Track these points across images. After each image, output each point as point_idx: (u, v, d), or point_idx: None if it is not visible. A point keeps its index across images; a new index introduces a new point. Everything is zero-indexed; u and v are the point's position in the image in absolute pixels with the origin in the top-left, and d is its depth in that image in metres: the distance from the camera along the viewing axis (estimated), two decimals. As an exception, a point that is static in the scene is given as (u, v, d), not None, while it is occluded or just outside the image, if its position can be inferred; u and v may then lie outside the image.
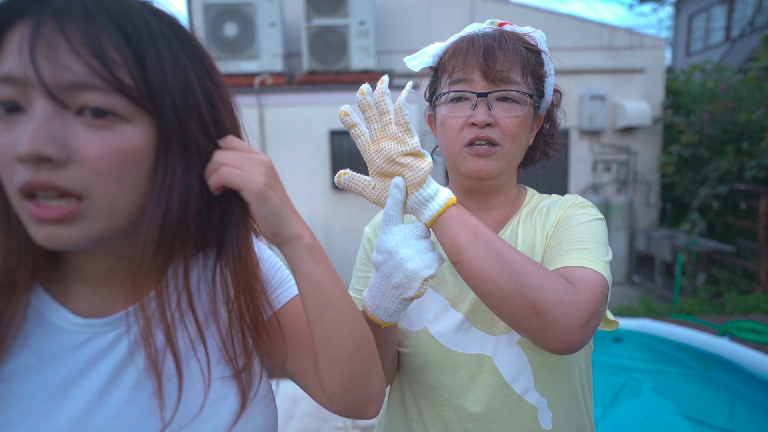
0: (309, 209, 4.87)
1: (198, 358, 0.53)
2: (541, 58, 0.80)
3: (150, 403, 0.51)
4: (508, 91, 0.75)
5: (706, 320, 3.67)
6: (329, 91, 4.76)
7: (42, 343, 0.50)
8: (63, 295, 0.52)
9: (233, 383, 0.55)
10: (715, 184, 5.46)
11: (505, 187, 0.85)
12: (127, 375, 0.51)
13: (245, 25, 4.75)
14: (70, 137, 0.42)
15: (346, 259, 4.89)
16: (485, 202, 0.84)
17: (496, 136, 0.75)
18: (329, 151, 4.78)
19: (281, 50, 4.85)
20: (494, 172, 0.77)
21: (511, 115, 0.75)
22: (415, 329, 0.81)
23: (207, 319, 0.56)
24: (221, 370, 0.55)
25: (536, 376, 0.76)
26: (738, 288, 4.95)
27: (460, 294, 0.80)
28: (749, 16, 8.69)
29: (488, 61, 0.74)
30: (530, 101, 0.77)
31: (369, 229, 0.91)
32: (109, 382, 0.50)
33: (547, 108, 0.86)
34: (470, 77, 0.76)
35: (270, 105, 4.72)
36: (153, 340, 0.50)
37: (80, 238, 0.45)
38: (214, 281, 0.55)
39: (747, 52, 7.58)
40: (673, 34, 11.75)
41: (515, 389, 0.76)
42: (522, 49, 0.76)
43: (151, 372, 0.50)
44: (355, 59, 4.81)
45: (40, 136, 0.41)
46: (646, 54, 6.02)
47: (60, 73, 0.42)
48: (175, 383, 0.51)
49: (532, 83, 0.78)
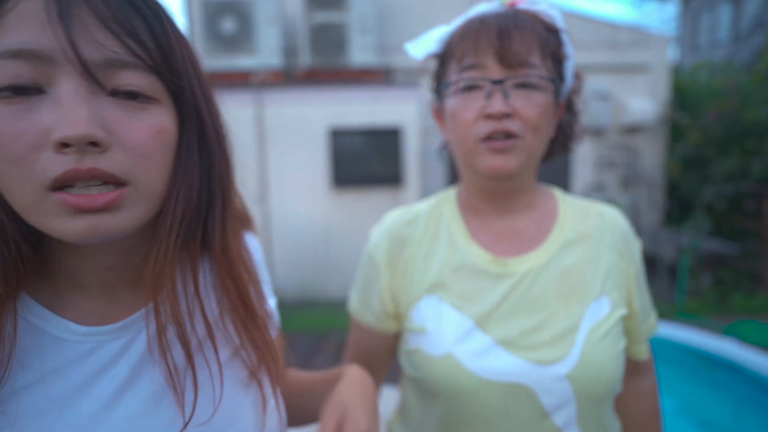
0: (309, 209, 4.83)
1: (208, 360, 0.50)
2: (560, 38, 0.71)
3: (169, 407, 0.47)
4: (527, 77, 0.66)
5: (711, 321, 3.62)
6: (329, 87, 4.71)
7: (43, 357, 0.45)
8: (55, 303, 0.47)
9: (250, 383, 0.53)
10: (720, 184, 5.40)
11: (527, 187, 0.75)
12: (142, 381, 0.47)
13: (243, 21, 4.71)
14: (110, 119, 0.39)
15: (346, 259, 4.85)
16: (506, 205, 0.75)
17: (516, 128, 0.66)
18: (329, 149, 4.74)
19: (280, 46, 4.81)
20: (515, 169, 0.68)
21: (532, 104, 0.66)
22: (437, 354, 0.70)
23: (215, 319, 0.53)
24: (236, 370, 0.52)
25: (580, 411, 0.67)
26: (743, 289, 4.89)
27: (485, 312, 0.70)
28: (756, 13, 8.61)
29: (503, 42, 0.65)
30: (552, 87, 0.68)
31: (376, 249, 0.80)
32: (121, 389, 0.46)
33: (567, 94, 0.76)
34: (483, 62, 0.66)
35: (269, 102, 4.67)
36: (168, 342, 0.46)
37: (125, 225, 0.41)
38: (219, 278, 0.52)
39: (754, 49, 7.50)
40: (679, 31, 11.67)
41: (555, 421, 0.67)
42: (540, 29, 0.68)
43: (171, 375, 0.46)
44: (356, 55, 4.76)
45: (86, 117, 0.37)
46: (650, 51, 5.96)
47: (96, 49, 0.38)
48: (191, 381, 0.48)
49: (552, 66, 0.69)
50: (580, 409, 0.67)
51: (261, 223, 4.76)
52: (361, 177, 4.75)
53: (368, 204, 4.79)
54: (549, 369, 0.67)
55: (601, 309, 0.70)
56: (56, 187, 0.38)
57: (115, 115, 0.40)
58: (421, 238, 0.78)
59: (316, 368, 3.38)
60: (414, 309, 0.74)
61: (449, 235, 0.77)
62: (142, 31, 0.41)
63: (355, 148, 4.75)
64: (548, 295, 0.70)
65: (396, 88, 4.83)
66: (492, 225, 0.76)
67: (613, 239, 0.74)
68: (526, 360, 0.67)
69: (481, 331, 0.69)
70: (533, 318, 0.69)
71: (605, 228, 0.75)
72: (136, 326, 0.48)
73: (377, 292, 0.79)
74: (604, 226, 0.75)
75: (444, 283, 0.73)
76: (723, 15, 10.03)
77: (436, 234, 0.78)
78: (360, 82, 4.79)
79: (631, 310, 0.74)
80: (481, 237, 0.76)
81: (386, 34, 5.36)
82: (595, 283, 0.71)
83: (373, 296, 0.79)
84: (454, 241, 0.76)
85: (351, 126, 4.70)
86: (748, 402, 2.89)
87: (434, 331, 0.71)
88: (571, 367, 0.66)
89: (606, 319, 0.69)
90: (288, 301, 4.82)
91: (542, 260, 0.72)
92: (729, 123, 5.47)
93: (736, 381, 3.00)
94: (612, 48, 5.95)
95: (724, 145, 5.55)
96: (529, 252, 0.74)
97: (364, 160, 4.76)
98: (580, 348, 0.67)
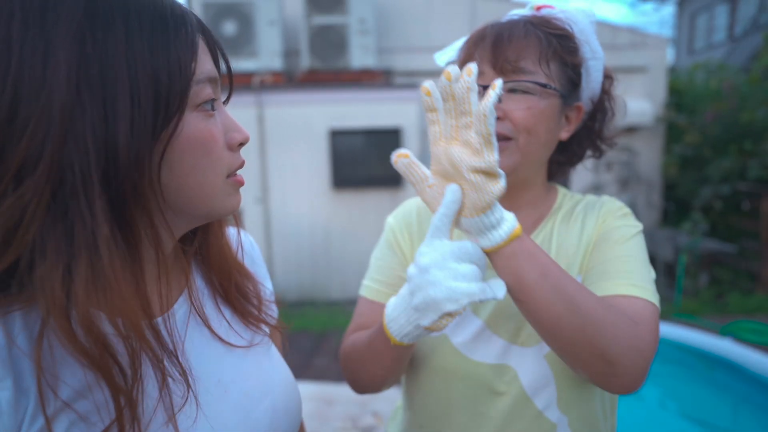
0: (309, 209, 4.84)
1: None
2: (572, 43, 0.73)
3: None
4: (518, 82, 0.70)
5: (708, 321, 3.64)
6: (329, 88, 4.73)
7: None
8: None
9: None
10: (717, 184, 5.43)
11: (529, 184, 0.79)
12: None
13: (244, 23, 4.73)
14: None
15: (346, 258, 4.87)
16: (509, 200, 0.78)
17: (506, 130, 0.71)
18: (329, 150, 4.76)
19: (281, 48, 4.83)
20: (511, 165, 0.72)
21: (522, 108, 0.70)
22: (433, 334, 0.74)
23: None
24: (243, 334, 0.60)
25: (560, 393, 0.71)
26: (741, 288, 4.92)
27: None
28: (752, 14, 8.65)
29: (495, 51, 0.71)
30: (552, 92, 0.71)
31: (393, 220, 0.86)
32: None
33: (591, 97, 0.79)
34: (482, 69, 0.72)
35: (269, 103, 4.69)
36: (203, 310, 0.56)
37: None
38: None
39: (750, 50, 7.54)
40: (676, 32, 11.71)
41: (536, 404, 0.71)
42: (540, 35, 0.71)
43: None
44: (356, 57, 4.78)
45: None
46: (648, 53, 5.99)
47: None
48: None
49: (556, 71, 0.72)
50: (560, 392, 0.71)
51: (261, 224, 4.77)
52: (361, 178, 4.77)
53: (368, 205, 4.81)
54: (529, 350, 0.72)
55: None
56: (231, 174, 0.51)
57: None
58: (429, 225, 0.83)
59: (316, 368, 3.40)
60: None
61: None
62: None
63: (355, 150, 4.77)
64: None
65: (396, 89, 4.85)
66: None
67: (597, 218, 0.76)
68: (511, 342, 0.73)
69: (474, 315, 0.75)
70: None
71: (593, 211, 0.78)
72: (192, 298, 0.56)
73: (396, 264, 0.83)
74: (591, 210, 0.78)
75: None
76: (719, 17, 10.08)
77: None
78: (360, 83, 4.81)
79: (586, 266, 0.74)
80: None
81: (386, 36, 5.38)
82: (575, 262, 0.74)
83: (392, 268, 0.83)
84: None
85: (351, 127, 4.72)
86: (747, 402, 2.90)
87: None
88: (549, 349, 0.70)
89: None
90: (288, 302, 4.83)
91: (537, 242, 0.76)
92: (726, 124, 5.50)
93: (734, 380, 3.02)
94: (610, 49, 5.95)
95: (721, 145, 5.57)
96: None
97: (364, 161, 4.78)
98: None
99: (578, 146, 0.82)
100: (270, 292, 0.68)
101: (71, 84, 0.38)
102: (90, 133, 0.39)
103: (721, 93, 5.70)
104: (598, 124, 0.82)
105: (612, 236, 0.73)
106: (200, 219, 0.51)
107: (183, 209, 0.48)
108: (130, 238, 0.43)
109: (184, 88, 0.44)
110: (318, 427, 2.50)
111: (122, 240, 0.42)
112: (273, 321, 0.64)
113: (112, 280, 0.40)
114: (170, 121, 0.43)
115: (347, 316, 4.29)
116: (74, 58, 0.39)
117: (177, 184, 0.46)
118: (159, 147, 0.43)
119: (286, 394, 0.59)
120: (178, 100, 0.43)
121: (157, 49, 0.42)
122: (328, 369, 3.38)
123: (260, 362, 0.58)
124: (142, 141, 0.41)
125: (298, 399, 0.62)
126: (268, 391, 0.57)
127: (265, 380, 0.57)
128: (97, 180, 0.39)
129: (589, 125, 0.81)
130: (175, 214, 0.48)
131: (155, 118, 0.42)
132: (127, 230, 0.42)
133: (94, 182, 0.39)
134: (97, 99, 0.39)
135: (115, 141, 0.40)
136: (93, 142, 0.39)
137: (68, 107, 0.38)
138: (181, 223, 0.50)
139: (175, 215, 0.48)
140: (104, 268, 0.40)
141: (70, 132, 0.39)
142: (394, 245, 0.84)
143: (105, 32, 0.40)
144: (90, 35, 0.40)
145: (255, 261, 0.68)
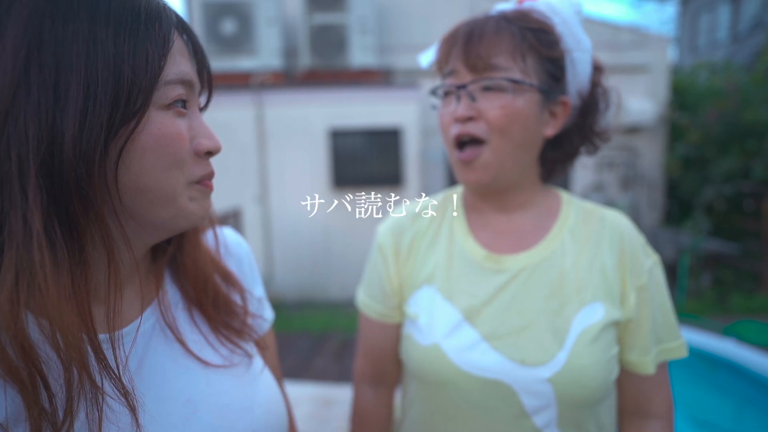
0: (309, 209, 4.82)
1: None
2: (550, 36, 0.70)
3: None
4: (491, 80, 0.67)
5: (711, 321, 3.62)
6: (329, 87, 4.72)
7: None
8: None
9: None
10: (720, 184, 5.40)
11: (520, 186, 0.75)
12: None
13: (243, 22, 4.71)
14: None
15: (346, 259, 4.85)
16: (500, 203, 0.76)
17: (479, 131, 0.68)
18: (329, 150, 4.74)
19: (280, 47, 4.81)
20: (485, 179, 0.70)
21: (496, 106, 0.67)
22: (426, 343, 0.72)
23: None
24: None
25: (561, 413, 0.67)
26: (743, 289, 4.89)
27: (475, 307, 0.71)
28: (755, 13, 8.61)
29: (467, 48, 0.68)
30: (528, 88, 0.68)
31: (381, 232, 0.83)
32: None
33: (580, 90, 0.75)
34: (456, 68, 0.69)
35: (269, 103, 4.68)
36: (176, 321, 0.53)
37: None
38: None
39: (753, 49, 7.51)
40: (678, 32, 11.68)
41: (535, 422, 0.67)
42: (514, 30, 0.68)
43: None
44: (356, 56, 4.76)
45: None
46: (650, 52, 5.96)
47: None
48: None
49: (534, 66, 0.69)
50: (562, 413, 0.67)
51: (261, 224, 4.76)
52: (361, 177, 4.75)
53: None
54: (532, 370, 0.67)
55: (594, 314, 0.69)
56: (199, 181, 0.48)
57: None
58: (425, 231, 0.81)
59: (315, 369, 3.38)
60: (412, 297, 0.77)
61: (450, 230, 0.79)
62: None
63: (355, 149, 4.75)
64: (540, 294, 0.70)
65: (396, 88, 4.83)
66: (491, 222, 0.78)
67: (612, 244, 0.73)
68: (511, 359, 0.68)
69: (470, 326, 0.70)
70: (523, 316, 0.69)
71: (605, 233, 0.74)
72: (158, 311, 0.53)
73: (384, 281, 0.81)
74: (603, 231, 0.74)
75: (440, 276, 0.76)
76: (722, 15, 10.04)
77: (440, 228, 0.80)
78: (360, 82, 4.79)
79: (631, 318, 0.71)
80: (480, 234, 0.77)
81: (386, 35, 5.36)
82: (589, 287, 0.70)
83: (381, 285, 0.81)
84: (454, 236, 0.78)
85: (351, 126, 4.71)
86: (749, 402, 2.88)
87: (426, 321, 0.73)
88: (554, 371, 0.66)
89: (598, 324, 0.68)
90: (288, 302, 4.82)
91: (537, 259, 0.72)
92: (729, 123, 5.47)
93: (737, 381, 3.00)
94: (612, 48, 5.95)
95: (723, 145, 5.55)
96: (524, 250, 0.74)
97: (363, 161, 4.76)
98: (568, 352, 0.66)
99: (569, 142, 0.78)
100: (258, 299, 0.64)
101: (17, 64, 0.36)
102: (32, 117, 0.37)
103: (723, 92, 5.68)
104: (589, 119, 0.78)
105: (656, 292, 0.73)
106: (165, 228, 0.47)
107: (143, 214, 0.45)
108: (74, 239, 0.40)
109: (149, 85, 0.41)
110: (317, 427, 2.49)
111: (63, 239, 0.38)
112: (257, 335, 0.60)
113: (41, 279, 0.37)
114: (131, 117, 0.40)
115: (347, 316, 4.28)
116: (26, 39, 0.37)
117: (135, 184, 0.43)
118: (116, 143, 0.40)
119: (268, 412, 0.55)
120: (142, 97, 0.41)
121: (123, 41, 0.40)
122: (328, 369, 3.36)
123: (240, 378, 0.55)
124: (93, 135, 0.38)
125: (283, 416, 0.59)
126: (247, 408, 0.53)
127: (245, 397, 0.54)
128: (35, 170, 0.37)
129: (580, 120, 0.78)
130: (138, 223, 0.45)
131: (112, 113, 0.39)
132: (70, 229, 0.39)
133: (30, 171, 0.36)
134: (47, 84, 0.37)
135: (61, 130, 0.37)
136: (34, 128, 0.37)
137: (10, 87, 0.36)
138: (144, 234, 0.47)
139: (138, 224, 0.45)
140: (34, 265, 0.36)
141: (11, 114, 0.36)
142: (380, 262, 0.82)
143: (66, 18, 0.38)
144: (50, 19, 0.38)
145: (242, 263, 0.64)
